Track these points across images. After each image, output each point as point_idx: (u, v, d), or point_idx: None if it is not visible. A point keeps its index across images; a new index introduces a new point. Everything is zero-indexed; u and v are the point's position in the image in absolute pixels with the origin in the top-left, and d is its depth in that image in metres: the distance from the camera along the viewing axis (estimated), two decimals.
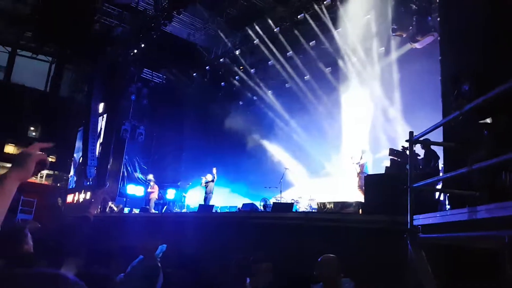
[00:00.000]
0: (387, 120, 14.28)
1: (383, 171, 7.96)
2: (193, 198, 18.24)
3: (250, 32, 17.94)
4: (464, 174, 3.41)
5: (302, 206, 13.10)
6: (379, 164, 10.74)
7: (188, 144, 21.78)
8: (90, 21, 20.82)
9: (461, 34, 6.00)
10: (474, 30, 5.78)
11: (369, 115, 14.82)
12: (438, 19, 7.68)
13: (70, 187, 24.35)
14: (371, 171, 10.59)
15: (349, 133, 15.36)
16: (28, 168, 1.61)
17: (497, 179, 3.71)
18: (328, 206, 9.53)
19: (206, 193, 14.76)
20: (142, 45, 19.47)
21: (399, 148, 7.72)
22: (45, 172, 34.05)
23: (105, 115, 22.20)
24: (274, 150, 18.71)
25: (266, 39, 17.54)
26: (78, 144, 24.71)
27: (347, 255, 4.72)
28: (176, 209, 16.85)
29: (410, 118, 12.89)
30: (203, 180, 14.93)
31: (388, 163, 7.88)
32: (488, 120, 4.01)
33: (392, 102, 14.23)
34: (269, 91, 19.30)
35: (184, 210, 16.41)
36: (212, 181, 14.87)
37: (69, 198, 23.22)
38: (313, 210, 11.46)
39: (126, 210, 16.45)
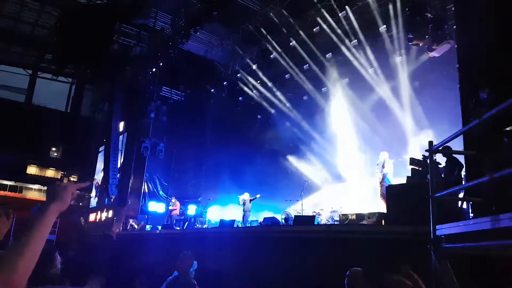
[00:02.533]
0: (410, 128, 14.13)
1: (404, 181, 7.89)
2: (214, 214, 18.35)
3: (267, 46, 18.15)
4: (486, 182, 3.37)
5: (323, 218, 13.00)
6: (401, 171, 10.63)
7: (208, 159, 22.00)
8: (108, 41, 21.39)
9: (478, 42, 5.97)
10: (491, 37, 5.75)
11: (391, 124, 14.70)
12: (454, 27, 7.65)
13: (93, 206, 24.76)
14: (392, 179, 10.48)
15: (369, 143, 15.25)
16: (66, 200, 1.70)
17: None
18: (350, 217, 9.45)
19: (244, 211, 14.82)
20: (161, 64, 19.88)
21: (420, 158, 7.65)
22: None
23: (125, 134, 22.62)
24: (294, 162, 18.72)
25: (283, 53, 17.71)
26: (100, 163, 25.16)
27: (371, 267, 4.69)
28: (197, 225, 16.94)
29: (434, 125, 12.79)
30: (240, 198, 15.00)
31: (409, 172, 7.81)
32: (509, 128, 3.97)
33: (413, 111, 14.10)
34: (288, 104, 19.39)
35: (205, 226, 16.48)
36: (251, 200, 14.92)
37: (92, 217, 23.60)
38: (335, 222, 11.37)
39: (148, 227, 16.61)
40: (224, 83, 21.45)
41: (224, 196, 18.97)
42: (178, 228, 16.09)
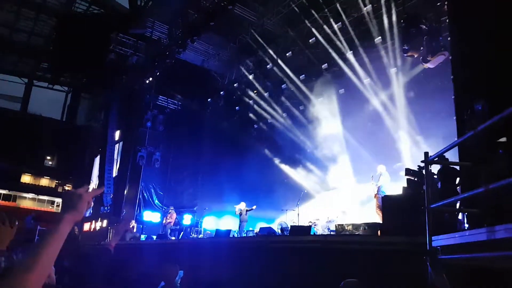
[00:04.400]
0: (405, 139, 14.22)
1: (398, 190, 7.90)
2: (209, 223, 18.27)
3: (263, 57, 18.27)
4: (481, 193, 3.40)
5: (320, 229, 12.98)
6: (397, 182, 10.67)
7: (204, 169, 21.94)
8: (105, 50, 21.42)
9: (473, 54, 6.04)
10: (486, 49, 5.82)
11: (386, 135, 14.78)
12: (449, 38, 7.74)
13: (87, 215, 24.56)
14: (388, 192, 10.51)
15: (364, 153, 15.31)
16: (81, 209, 1.63)
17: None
18: (346, 228, 9.44)
19: (240, 221, 14.73)
20: (157, 73, 19.92)
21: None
22: (60, 200, 34.50)
23: (121, 143, 22.56)
24: (291, 171, 18.75)
25: (279, 63, 17.82)
26: (95, 172, 25.04)
27: (367, 278, 4.68)
28: (193, 235, 16.84)
29: (429, 136, 12.90)
30: (237, 208, 14.91)
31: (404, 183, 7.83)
32: (503, 139, 4.01)
33: (408, 122, 14.21)
34: (284, 114, 19.47)
35: (201, 236, 16.39)
36: (247, 211, 14.80)
37: (86, 226, 23.40)
38: (332, 233, 11.35)
39: (142, 237, 16.48)
40: (221, 92, 21.54)
41: (220, 206, 18.91)
42: (174, 238, 16.00)
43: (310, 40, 16.30)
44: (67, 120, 37.48)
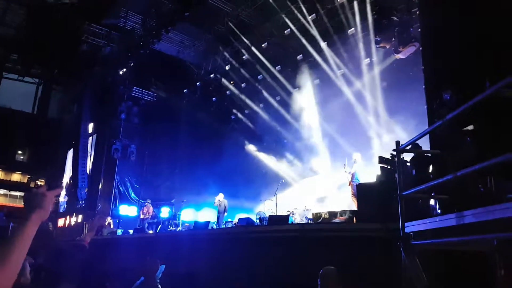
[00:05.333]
0: (379, 127, 14.52)
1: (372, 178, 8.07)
2: (188, 216, 18.21)
3: (240, 47, 18.20)
4: (451, 180, 3.52)
5: (297, 217, 13.13)
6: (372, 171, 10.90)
7: (182, 161, 21.76)
8: (77, 41, 20.92)
9: (441, 44, 6.20)
10: (454, 40, 5.98)
11: (360, 124, 15.06)
12: (419, 29, 7.90)
13: (61, 210, 24.08)
14: (362, 179, 10.71)
15: (340, 141, 15.57)
16: (47, 208, 1.62)
17: (481, 184, 3.84)
18: (323, 216, 9.60)
19: (218, 212, 14.64)
20: (131, 64, 19.58)
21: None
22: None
23: (95, 135, 22.14)
24: (268, 162, 18.87)
25: (255, 54, 17.78)
26: (68, 166, 24.52)
27: (343, 264, 4.79)
28: (171, 228, 16.76)
29: (402, 125, 13.23)
30: (216, 199, 14.81)
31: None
32: (470, 127, 4.16)
33: (382, 111, 14.50)
34: (261, 104, 19.50)
35: (179, 228, 16.33)
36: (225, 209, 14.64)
37: (60, 222, 22.96)
38: (309, 221, 11.52)
39: (119, 231, 16.30)
40: (197, 83, 21.36)
41: (199, 198, 18.86)
42: (151, 231, 15.89)
43: (285, 31, 16.33)
44: (38, 113, 36.47)
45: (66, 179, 24.78)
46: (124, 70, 20.10)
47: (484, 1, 5.67)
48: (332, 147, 15.96)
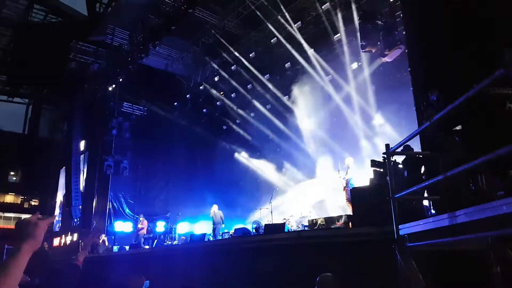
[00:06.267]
0: (370, 131, 14.60)
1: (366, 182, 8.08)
2: (183, 229, 18.09)
3: (228, 58, 18.28)
4: (442, 180, 3.54)
5: (293, 225, 13.10)
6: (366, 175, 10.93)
7: (175, 174, 21.66)
8: (65, 60, 20.90)
9: (426, 46, 6.27)
10: (438, 41, 6.05)
11: (351, 128, 15.13)
12: (404, 32, 7.99)
13: (56, 229, 23.80)
14: (357, 184, 10.72)
15: (332, 146, 15.62)
16: (39, 238, 1.60)
17: (472, 183, 3.86)
18: (319, 222, 9.58)
19: (214, 223, 14.52)
20: (120, 80, 19.54)
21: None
22: (28, 216, 33.35)
23: (86, 153, 21.99)
24: (262, 170, 18.86)
25: (244, 63, 17.86)
26: (61, 184, 24.29)
27: (341, 270, 4.77)
28: (167, 242, 16.63)
29: (393, 128, 13.33)
30: (211, 210, 14.70)
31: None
32: (459, 127, 4.19)
33: (373, 114, 14.60)
34: (252, 113, 19.54)
35: (175, 242, 16.21)
36: (220, 221, 14.50)
37: (56, 241, 22.68)
38: (305, 228, 11.49)
39: (115, 248, 16.12)
40: (187, 95, 21.37)
41: (194, 210, 18.76)
42: (147, 246, 15.74)
43: (272, 40, 16.44)
44: (29, 133, 36.18)
45: (59, 197, 24.53)
46: (113, 86, 20.03)
47: (467, 2, 5.75)
48: (324, 151, 16.00)
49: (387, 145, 4.34)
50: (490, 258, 4.01)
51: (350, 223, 8.02)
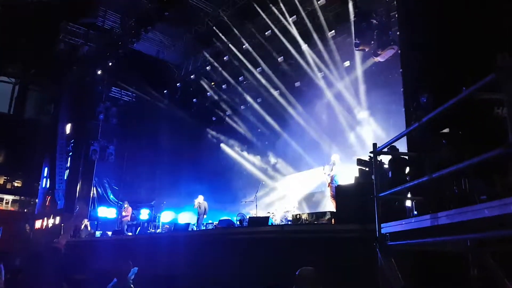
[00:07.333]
0: (359, 129, 14.69)
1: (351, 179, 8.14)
2: (168, 218, 18.02)
3: (221, 48, 18.14)
4: (426, 182, 3.58)
5: (277, 219, 13.15)
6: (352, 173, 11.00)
7: (161, 162, 21.50)
8: (54, 40, 20.52)
9: (419, 48, 6.30)
10: (431, 43, 6.08)
11: (341, 124, 15.21)
12: (398, 33, 8.01)
13: (36, 212, 23.52)
14: (342, 181, 10.79)
15: (321, 143, 15.69)
16: None
17: (456, 186, 3.91)
18: (303, 217, 9.63)
19: (198, 214, 14.45)
20: (110, 64, 19.27)
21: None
22: (10, 198, 32.90)
23: (73, 136, 21.71)
24: (250, 163, 18.86)
25: (236, 55, 17.75)
26: (45, 167, 23.94)
27: (323, 265, 4.81)
28: (150, 230, 16.55)
29: (381, 127, 13.42)
30: (196, 202, 14.63)
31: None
32: (446, 130, 4.24)
33: (363, 111, 14.68)
34: (242, 106, 19.45)
35: (159, 230, 16.15)
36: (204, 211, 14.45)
37: (38, 223, 22.42)
38: (289, 222, 11.54)
39: (98, 233, 16.00)
40: (178, 84, 21.17)
41: (179, 200, 18.69)
42: (130, 233, 15.65)
43: (266, 33, 16.35)
44: (14, 114, 35.48)
45: (43, 180, 24.21)
46: (103, 70, 19.76)
47: (462, 6, 5.78)
48: (312, 147, 16.06)
49: (374, 144, 4.37)
50: (468, 261, 4.08)
51: (333, 220, 8.08)
